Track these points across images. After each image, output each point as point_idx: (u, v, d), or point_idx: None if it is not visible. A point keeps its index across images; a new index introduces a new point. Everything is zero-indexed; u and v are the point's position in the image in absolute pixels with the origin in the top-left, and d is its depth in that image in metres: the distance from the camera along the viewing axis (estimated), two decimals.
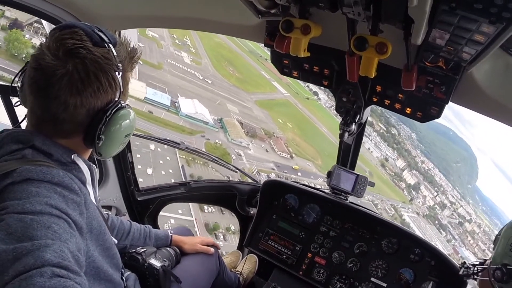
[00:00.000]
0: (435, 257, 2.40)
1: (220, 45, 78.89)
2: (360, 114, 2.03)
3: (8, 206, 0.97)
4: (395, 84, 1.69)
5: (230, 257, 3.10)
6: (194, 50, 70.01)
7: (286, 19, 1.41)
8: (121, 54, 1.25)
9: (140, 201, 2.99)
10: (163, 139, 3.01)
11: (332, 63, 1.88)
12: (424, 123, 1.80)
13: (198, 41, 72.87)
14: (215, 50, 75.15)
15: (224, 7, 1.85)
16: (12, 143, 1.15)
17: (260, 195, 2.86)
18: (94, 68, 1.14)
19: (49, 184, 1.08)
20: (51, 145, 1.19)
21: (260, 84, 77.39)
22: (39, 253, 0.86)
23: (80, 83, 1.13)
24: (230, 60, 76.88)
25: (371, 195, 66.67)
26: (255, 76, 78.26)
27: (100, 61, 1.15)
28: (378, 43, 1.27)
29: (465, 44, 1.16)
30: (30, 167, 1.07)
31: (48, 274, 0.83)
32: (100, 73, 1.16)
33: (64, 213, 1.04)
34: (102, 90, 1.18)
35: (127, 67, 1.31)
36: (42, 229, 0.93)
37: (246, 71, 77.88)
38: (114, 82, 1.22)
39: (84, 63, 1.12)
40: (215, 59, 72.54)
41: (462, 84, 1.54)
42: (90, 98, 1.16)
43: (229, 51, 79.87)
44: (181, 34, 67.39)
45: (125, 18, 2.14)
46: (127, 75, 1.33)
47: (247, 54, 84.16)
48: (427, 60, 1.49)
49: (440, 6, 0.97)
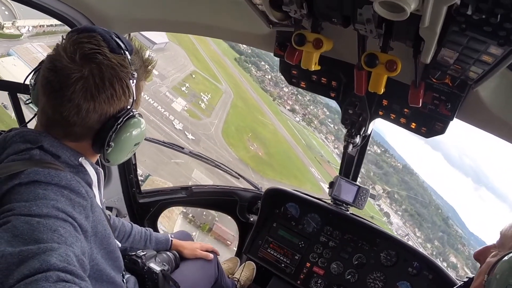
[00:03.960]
0: (433, 271, 2.39)
1: (256, 109, 67.39)
2: (366, 127, 2.05)
3: (15, 208, 0.97)
4: (401, 98, 1.71)
5: (228, 263, 3.10)
6: (204, 106, 56.97)
7: (299, 33, 1.43)
8: (136, 62, 1.27)
9: (141, 204, 3.00)
10: (168, 142, 3.03)
11: (340, 75, 1.90)
12: (428, 138, 1.82)
13: (224, 105, 61.29)
14: (242, 115, 62.04)
15: (234, 15, 1.86)
16: (20, 143, 1.15)
17: (262, 202, 2.86)
18: (110, 75, 1.15)
19: (57, 187, 1.08)
20: (59, 147, 1.19)
21: (297, 177, 57.96)
22: (44, 257, 0.86)
23: (95, 89, 1.13)
24: (259, 136, 60.90)
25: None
26: (294, 167, 59.53)
27: (116, 68, 1.16)
28: (388, 61, 1.29)
29: (473, 63, 1.17)
30: (38, 169, 1.07)
31: (53, 279, 0.83)
32: (115, 80, 1.17)
33: (71, 216, 1.04)
34: (115, 97, 1.19)
35: (142, 75, 1.32)
36: (49, 232, 0.93)
37: (282, 157, 59.96)
38: (128, 90, 1.22)
39: (100, 69, 1.13)
40: (234, 126, 58.43)
41: (468, 102, 1.56)
42: (104, 104, 1.17)
43: (266, 128, 64.85)
44: (201, 89, 58.96)
45: (136, 20, 2.16)
46: (141, 83, 1.33)
47: (302, 148, 66.05)
48: (433, 76, 1.51)
49: (450, 27, 0.99)
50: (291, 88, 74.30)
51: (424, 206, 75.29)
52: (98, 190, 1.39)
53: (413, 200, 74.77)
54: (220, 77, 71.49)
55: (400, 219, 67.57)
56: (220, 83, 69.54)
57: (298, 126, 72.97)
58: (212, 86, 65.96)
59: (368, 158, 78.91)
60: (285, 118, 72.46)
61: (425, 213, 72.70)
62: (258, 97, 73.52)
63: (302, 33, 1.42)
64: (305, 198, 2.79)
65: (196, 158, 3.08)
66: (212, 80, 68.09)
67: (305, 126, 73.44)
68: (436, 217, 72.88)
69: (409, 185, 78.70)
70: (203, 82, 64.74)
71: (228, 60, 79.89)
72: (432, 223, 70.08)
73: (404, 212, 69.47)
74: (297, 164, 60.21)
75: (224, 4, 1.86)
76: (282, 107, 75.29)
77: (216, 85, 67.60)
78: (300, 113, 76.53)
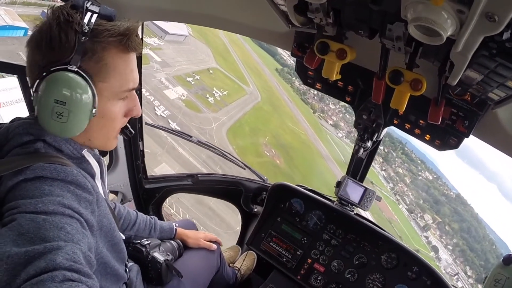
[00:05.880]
0: (432, 277, 2.41)
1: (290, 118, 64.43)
2: (378, 133, 2.02)
3: (20, 205, 0.96)
4: (418, 110, 1.67)
5: (229, 252, 3.14)
6: (213, 101, 53.04)
7: (323, 41, 1.38)
8: (103, 26, 1.16)
9: (147, 189, 3.02)
10: (176, 130, 3.03)
11: (357, 81, 1.87)
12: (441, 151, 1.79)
13: (243, 105, 57.91)
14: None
15: (251, 10, 1.80)
16: (23, 134, 1.14)
17: (267, 196, 2.87)
18: (55, 24, 1.11)
19: (62, 182, 1.07)
20: (61, 141, 1.19)
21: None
22: (51, 256, 0.86)
23: (40, 38, 1.13)
24: (282, 142, 56.33)
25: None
26: (323, 182, 51.03)
27: (61, 17, 1.11)
28: (414, 79, 1.25)
29: (497, 87, 1.14)
30: (44, 165, 1.07)
31: (60, 278, 0.83)
32: (56, 28, 1.11)
33: (77, 212, 1.04)
34: (49, 47, 1.12)
35: (106, 40, 1.17)
36: (55, 230, 0.93)
37: (308, 169, 55.48)
38: (67, 39, 1.11)
39: (52, 22, 1.12)
40: (249, 126, 53.69)
41: (485, 120, 1.53)
42: (37, 53, 1.14)
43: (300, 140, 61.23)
44: (216, 85, 56.25)
45: (150, 9, 2.10)
46: (107, 51, 1.18)
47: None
48: (453, 91, 1.48)
49: (480, 51, 0.95)
50: (338, 106, 74.34)
51: (477, 241, 69.41)
52: (102, 181, 1.39)
53: (466, 233, 68.72)
54: (249, 80, 70.98)
55: (450, 255, 62.31)
56: (247, 85, 68.62)
57: (340, 142, 70.94)
58: (235, 86, 64.71)
59: (418, 184, 74.08)
60: (325, 132, 70.48)
61: (478, 249, 67.10)
62: (295, 106, 72.39)
63: (326, 42, 1.38)
64: (311, 195, 2.80)
65: (204, 147, 3.08)
66: (237, 80, 67.12)
67: (348, 143, 70.37)
68: (490, 254, 67.29)
69: (462, 216, 72.69)
70: (223, 80, 63.35)
71: (267, 69, 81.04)
72: (485, 261, 64.35)
73: (455, 246, 64.40)
74: (327, 179, 53.60)
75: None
76: (324, 121, 73.36)
77: (239, 85, 66.38)
78: (345, 130, 74.68)
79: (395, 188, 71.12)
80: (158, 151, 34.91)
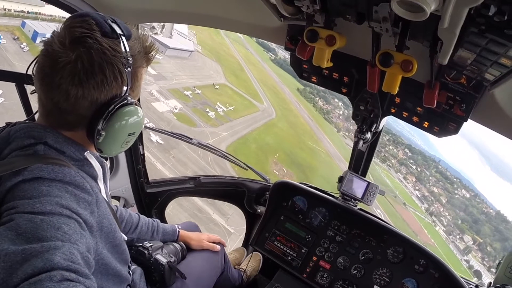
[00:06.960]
0: (440, 269, 2.37)
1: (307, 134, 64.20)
2: (377, 124, 2.01)
3: (18, 206, 0.96)
4: (414, 97, 1.66)
5: (235, 254, 3.13)
6: (214, 115, 51.88)
7: (311, 29, 1.38)
8: (135, 48, 1.21)
9: (149, 193, 3.01)
10: (176, 133, 3.02)
11: (352, 71, 1.86)
12: (440, 138, 1.77)
13: (252, 121, 57.09)
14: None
15: (245, 7, 1.82)
16: (25, 138, 1.14)
17: (269, 195, 2.85)
18: (100, 59, 1.10)
19: (61, 183, 1.07)
20: (64, 143, 1.18)
21: None
22: (48, 255, 0.85)
23: (83, 74, 1.09)
24: (298, 161, 54.81)
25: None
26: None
27: (107, 52, 1.11)
28: (404, 61, 1.24)
29: (491, 66, 1.13)
30: (42, 166, 1.06)
31: (57, 278, 0.82)
32: (105, 64, 1.11)
33: (75, 212, 1.03)
34: (106, 83, 1.13)
35: (140, 62, 1.26)
36: (52, 230, 0.92)
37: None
38: (121, 76, 1.16)
39: (90, 53, 1.08)
40: (257, 144, 52.28)
41: (483, 103, 1.52)
42: (93, 90, 1.12)
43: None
44: (221, 100, 56.01)
45: (144, 11, 2.11)
46: (139, 70, 1.28)
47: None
48: (449, 76, 1.46)
49: (469, 28, 0.94)
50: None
51: None
52: (104, 183, 1.38)
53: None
54: (264, 97, 71.85)
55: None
56: (260, 102, 69.20)
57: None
58: (244, 102, 64.99)
59: (455, 203, 70.76)
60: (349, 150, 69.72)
61: None
62: (317, 125, 72.23)
63: (315, 29, 1.38)
64: (313, 192, 2.77)
65: (204, 148, 3.07)
66: (248, 97, 67.68)
67: (378, 163, 68.03)
68: None
69: (503, 235, 67.72)
70: (231, 96, 63.88)
71: (287, 89, 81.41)
72: None
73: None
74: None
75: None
76: (349, 139, 71.36)
77: (250, 102, 66.84)
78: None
79: (430, 208, 67.92)
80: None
